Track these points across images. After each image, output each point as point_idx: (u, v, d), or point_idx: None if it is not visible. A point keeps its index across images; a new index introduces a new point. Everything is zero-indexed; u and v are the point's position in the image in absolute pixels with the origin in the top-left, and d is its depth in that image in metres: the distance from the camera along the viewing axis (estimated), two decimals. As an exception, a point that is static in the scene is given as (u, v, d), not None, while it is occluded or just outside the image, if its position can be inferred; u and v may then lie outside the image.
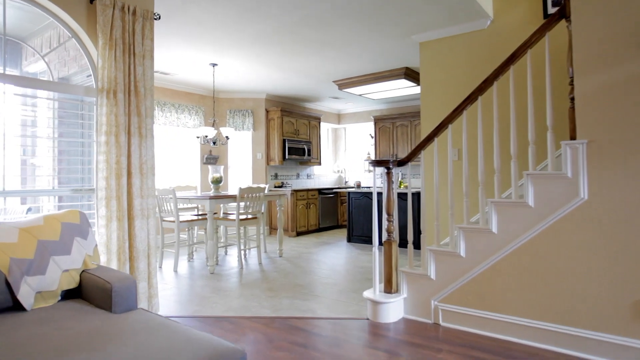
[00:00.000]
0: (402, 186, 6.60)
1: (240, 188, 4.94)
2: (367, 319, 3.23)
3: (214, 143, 5.70)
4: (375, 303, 3.17)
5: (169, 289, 4.16)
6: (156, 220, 5.37)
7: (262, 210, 6.11)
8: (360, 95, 7.32)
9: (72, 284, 2.21)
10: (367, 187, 8.61)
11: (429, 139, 3.20)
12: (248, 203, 5.08)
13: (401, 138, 8.59)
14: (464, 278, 2.97)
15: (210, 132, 5.49)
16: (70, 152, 3.37)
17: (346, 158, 10.12)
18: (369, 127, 9.66)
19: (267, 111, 7.94)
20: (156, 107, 6.65)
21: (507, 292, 2.80)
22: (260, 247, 5.39)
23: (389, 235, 3.35)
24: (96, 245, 2.48)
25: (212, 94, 7.64)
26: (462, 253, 2.97)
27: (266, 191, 6.11)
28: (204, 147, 7.45)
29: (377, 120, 8.91)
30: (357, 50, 5.21)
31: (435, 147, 3.20)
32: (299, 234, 7.78)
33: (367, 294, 3.26)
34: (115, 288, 2.06)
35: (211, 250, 4.80)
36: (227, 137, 5.65)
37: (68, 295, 2.26)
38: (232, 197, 5.07)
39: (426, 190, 4.43)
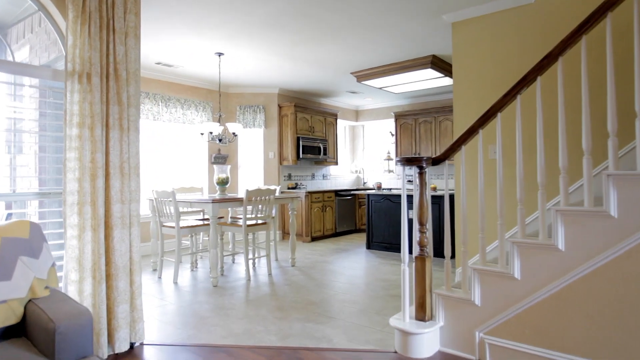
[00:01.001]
0: (431, 187, 5.99)
1: (247, 190, 4.40)
2: (395, 352, 2.64)
3: (220, 140, 5.18)
4: (405, 333, 2.58)
5: (164, 305, 3.64)
6: (139, 228, 4.87)
7: (273, 215, 5.56)
8: (380, 88, 6.71)
9: (11, 319, 1.69)
10: (388, 189, 7.99)
11: (472, 131, 2.60)
12: (259, 207, 4.54)
13: (424, 135, 7.94)
14: (518, 306, 2.35)
15: (215, 128, 4.97)
16: (49, 149, 2.88)
17: (364, 158, 9.52)
18: (389, 124, 9.04)
19: (279, 107, 7.40)
20: (160, 103, 6.18)
21: (576, 327, 2.17)
22: (269, 256, 4.84)
23: (421, 250, 2.76)
24: (53, 264, 1.95)
25: (220, 89, 7.13)
26: (517, 275, 2.36)
27: (277, 193, 5.56)
28: (212, 145, 6.95)
29: (398, 117, 8.28)
30: (377, 36, 4.62)
31: (480, 141, 2.59)
32: (313, 239, 7.22)
33: (395, 321, 2.67)
34: (60, 329, 1.53)
35: (214, 260, 4.27)
36: (234, 134, 5.12)
37: (9, 333, 1.73)
38: (238, 201, 4.53)
39: (468, 194, 3.81)
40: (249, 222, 4.65)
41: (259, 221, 4.77)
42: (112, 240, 2.55)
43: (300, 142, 7.29)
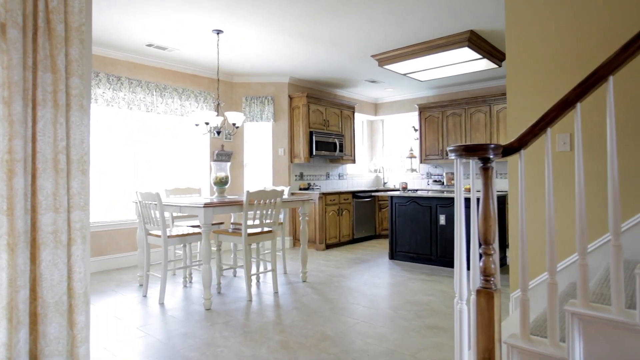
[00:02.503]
0: (464, 189, 5.12)
1: (248, 192, 3.61)
2: None
3: (219, 133, 4.41)
4: (465, 405, 1.74)
5: (140, 338, 2.87)
6: (88, 246, 4.12)
7: (281, 220, 4.76)
8: (404, 75, 5.86)
9: None
10: (413, 190, 7.14)
11: (565, 105, 1.74)
12: (263, 211, 3.75)
13: (452, 130, 7.06)
14: (651, 376, 1.50)
15: (211, 118, 4.19)
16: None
17: (384, 155, 8.67)
18: (412, 118, 8.17)
19: (290, 98, 6.61)
20: (154, 92, 5.44)
21: None
22: (276, 271, 4.05)
23: (486, 280, 1.91)
24: None
25: (223, 78, 6.38)
26: (650, 327, 1.50)
27: (286, 195, 4.76)
28: (214, 142, 6.20)
29: (423, 109, 7.41)
30: (405, 4, 3.78)
31: (578, 119, 1.74)
32: (328, 246, 6.40)
33: (448, 384, 1.83)
34: None
35: (207, 278, 3.49)
36: (235, 125, 4.34)
37: None
38: (237, 205, 3.74)
39: (556, 198, 2.95)
40: (251, 230, 3.87)
41: (264, 229, 3.99)
42: (39, 265, 1.78)
43: (314, 138, 6.49)
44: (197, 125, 4.32)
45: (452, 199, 4.97)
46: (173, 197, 4.69)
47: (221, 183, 4.23)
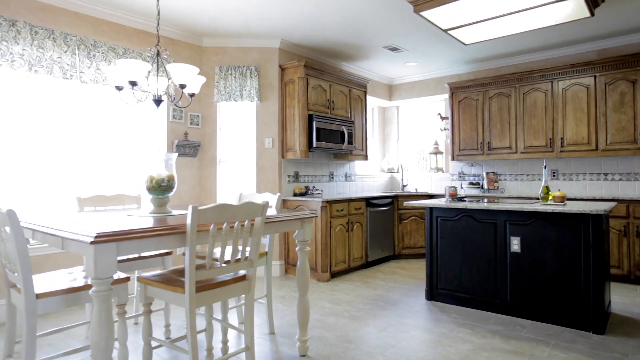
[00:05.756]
0: (550, 197, 3.29)
1: (193, 209, 1.81)
2: None
3: (158, 102, 2.59)
4: None
5: None
6: None
7: (264, 249, 2.97)
8: (446, 30, 4.08)
9: None
10: (459, 198, 5.41)
11: None
12: (229, 243, 1.96)
13: (498, 116, 5.31)
14: None
15: (138, 72, 2.38)
16: None
17: (399, 151, 6.90)
18: (437, 104, 6.41)
19: (282, 69, 4.81)
20: (78, 52, 3.61)
21: None
22: (253, 350, 2.25)
23: None
24: None
25: (188, 39, 4.55)
26: None
27: (273, 206, 2.96)
28: (174, 127, 4.38)
29: (456, 90, 5.65)
30: None
31: None
32: (334, 275, 4.61)
33: None
34: None
35: (105, 389, 1.68)
36: (182, 87, 2.52)
37: None
38: (174, 233, 1.91)
39: None
40: (202, 279, 2.05)
41: (230, 275, 2.19)
42: None
43: (314, 124, 4.69)
44: (118, 89, 2.50)
45: (535, 213, 3.20)
46: (88, 210, 2.87)
47: (160, 189, 2.42)
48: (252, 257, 2.17)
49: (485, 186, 5.56)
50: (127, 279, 2.16)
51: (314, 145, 4.67)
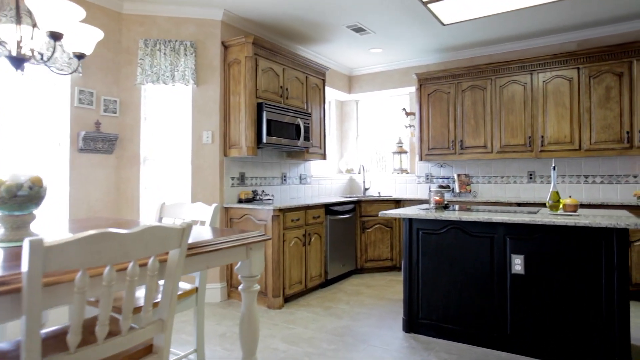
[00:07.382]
0: (561, 206, 2.66)
1: (32, 245, 0.94)
2: None
3: (18, 60, 1.65)
4: None
5: None
6: None
7: (196, 284, 2.10)
8: (427, 4, 3.40)
9: None
10: (443, 206, 4.77)
11: None
12: (108, 302, 1.11)
13: (472, 110, 4.74)
14: None
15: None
16: None
17: (358, 150, 6.21)
18: (401, 98, 5.78)
19: (225, 46, 3.92)
20: None
21: None
22: None
23: None
24: None
25: (104, 3, 3.55)
26: None
27: (209, 226, 2.10)
28: (80, 113, 3.37)
29: (425, 82, 5.04)
30: None
31: None
32: (288, 299, 3.79)
33: None
34: None
35: None
36: (54, 38, 1.62)
37: None
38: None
39: None
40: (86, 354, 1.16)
41: (123, 349, 1.31)
42: None
43: (264, 114, 3.85)
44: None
45: (544, 226, 2.57)
46: None
47: (13, 202, 1.49)
48: (163, 315, 1.31)
49: (457, 189, 4.98)
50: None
51: (264, 140, 3.83)
